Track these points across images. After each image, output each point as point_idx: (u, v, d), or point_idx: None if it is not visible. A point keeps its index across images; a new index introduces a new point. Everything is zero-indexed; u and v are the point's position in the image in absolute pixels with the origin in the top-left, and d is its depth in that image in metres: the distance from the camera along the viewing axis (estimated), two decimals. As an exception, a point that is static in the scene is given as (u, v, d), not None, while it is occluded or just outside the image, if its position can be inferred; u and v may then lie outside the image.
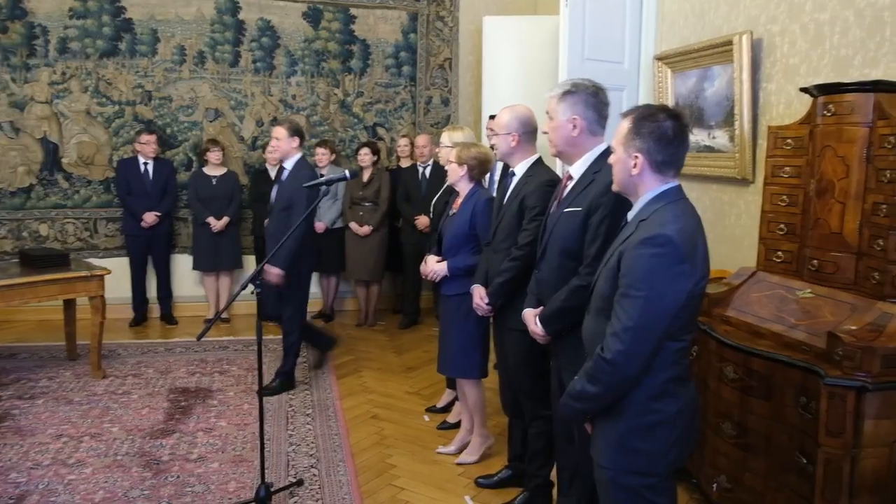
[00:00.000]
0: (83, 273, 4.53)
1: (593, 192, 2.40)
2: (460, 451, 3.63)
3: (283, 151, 4.36)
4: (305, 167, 4.39)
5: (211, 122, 6.26)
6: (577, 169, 2.51)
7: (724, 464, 2.76)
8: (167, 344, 5.46)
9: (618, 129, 1.98)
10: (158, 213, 5.81)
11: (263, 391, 4.23)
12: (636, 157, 1.90)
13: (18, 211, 6.06)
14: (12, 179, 6.01)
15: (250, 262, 6.26)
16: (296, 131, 4.35)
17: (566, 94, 2.47)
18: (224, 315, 6.06)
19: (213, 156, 5.93)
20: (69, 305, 4.93)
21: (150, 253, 5.98)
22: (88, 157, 6.11)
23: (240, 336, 5.61)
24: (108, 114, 6.09)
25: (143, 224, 5.78)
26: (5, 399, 4.27)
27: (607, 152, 2.29)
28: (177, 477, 3.35)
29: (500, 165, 3.77)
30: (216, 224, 5.86)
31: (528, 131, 3.02)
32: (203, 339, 5.40)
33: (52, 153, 6.04)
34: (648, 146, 1.88)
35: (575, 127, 2.46)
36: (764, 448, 2.55)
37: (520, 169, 3.03)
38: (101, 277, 4.57)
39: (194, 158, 6.20)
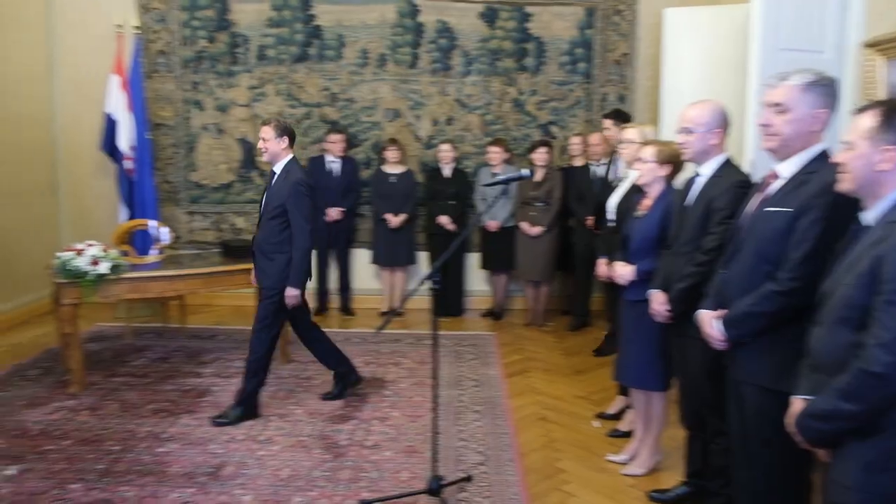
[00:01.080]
0: (274, 264, 4.87)
1: (807, 192, 2.20)
2: (632, 461, 3.51)
3: (271, 153, 3.92)
4: (297, 170, 3.95)
5: (390, 121, 6.51)
6: (788, 167, 2.30)
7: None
8: (345, 334, 5.74)
9: (856, 122, 1.84)
10: (342, 209, 6.14)
11: (326, 395, 4.34)
12: (887, 150, 1.76)
13: (219, 205, 6.66)
14: (215, 176, 6.62)
15: (424, 259, 6.44)
16: (284, 130, 3.92)
17: (812, 84, 2.25)
18: (399, 309, 6.30)
19: (392, 154, 6.16)
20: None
21: (332, 246, 6.33)
22: (280, 156, 6.58)
23: (413, 330, 5.79)
24: (297, 115, 6.52)
25: (326, 219, 6.14)
26: (206, 376, 4.70)
27: (824, 154, 2.12)
28: (354, 462, 3.51)
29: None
30: (393, 221, 6.09)
31: (725, 128, 2.84)
32: (380, 332, 5.69)
33: (249, 152, 6.57)
34: None
35: (817, 120, 2.26)
36: None
37: (707, 169, 2.85)
38: (290, 268, 4.88)
39: (375, 157, 6.47)
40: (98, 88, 6.12)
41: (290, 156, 3.98)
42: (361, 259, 6.47)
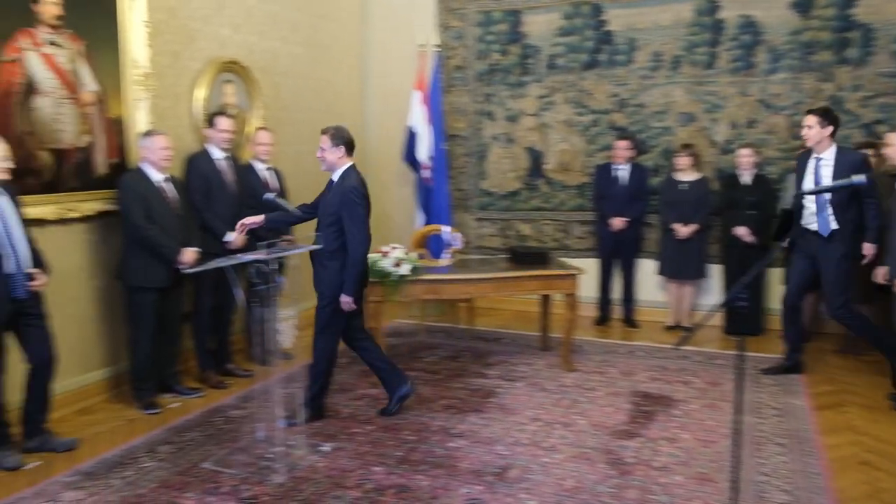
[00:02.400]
0: (561, 271, 4.86)
1: None
2: None
3: (328, 163, 3.90)
4: (352, 178, 3.88)
5: (683, 126, 6.17)
6: None
7: None
8: (629, 346, 5.55)
9: None
10: (627, 219, 5.95)
11: (384, 411, 4.14)
12: None
13: (506, 212, 6.87)
14: (503, 184, 6.84)
15: (715, 272, 6.00)
16: (341, 140, 3.88)
17: None
18: (686, 324, 5.93)
19: (683, 161, 5.82)
20: (546, 300, 5.36)
21: (617, 256, 6.17)
22: (567, 163, 6.59)
23: (702, 347, 5.40)
24: (585, 122, 6.47)
25: (610, 228, 5.99)
26: (492, 378, 4.83)
27: None
28: (640, 482, 3.33)
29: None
30: (682, 231, 5.75)
31: None
32: (665, 346, 5.39)
33: (536, 161, 6.68)
34: None
35: None
36: None
37: None
38: (575, 276, 4.84)
39: (664, 164, 6.18)
40: (402, 103, 6.66)
41: (348, 164, 3.94)
42: (647, 270, 6.20)
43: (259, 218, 3.96)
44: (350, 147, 3.93)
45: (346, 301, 3.86)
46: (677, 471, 3.44)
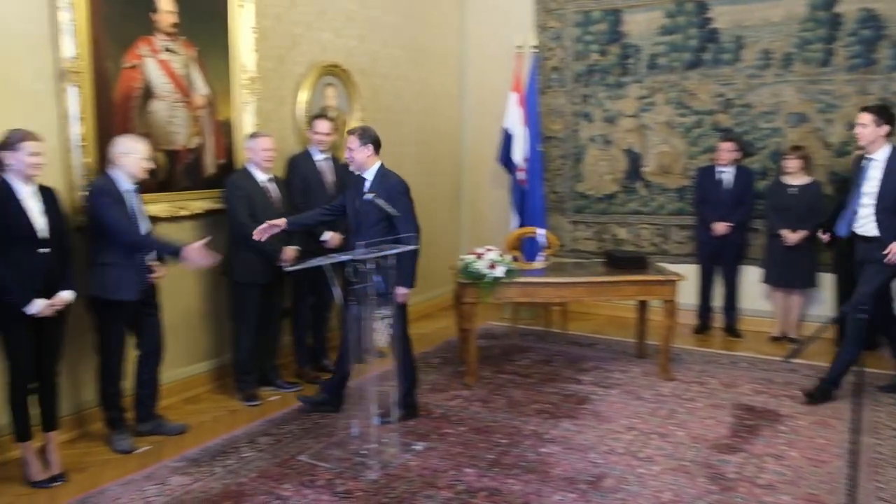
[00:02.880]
0: (660, 277, 4.72)
1: None
2: None
3: (358, 162, 3.89)
4: (391, 174, 3.94)
5: (793, 127, 5.86)
6: None
7: None
8: (731, 356, 5.32)
9: None
10: (730, 224, 5.70)
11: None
12: None
13: (602, 215, 6.73)
14: (600, 186, 6.70)
15: (826, 281, 5.67)
16: (368, 139, 3.88)
17: None
18: (793, 335, 5.64)
19: (792, 163, 5.53)
20: (642, 306, 5.21)
21: (718, 262, 5.93)
22: (666, 166, 6.39)
23: (811, 360, 5.10)
24: (687, 124, 6.25)
25: (712, 233, 5.77)
26: (586, 384, 4.74)
27: None
28: (744, 499, 3.17)
29: None
30: (791, 237, 5.46)
31: None
32: (770, 358, 5.15)
33: (634, 163, 6.51)
34: None
35: None
36: None
37: None
38: (675, 283, 4.68)
39: (772, 166, 5.89)
40: (498, 105, 6.64)
41: (378, 163, 3.95)
42: (751, 277, 5.93)
43: (281, 221, 3.99)
44: (377, 145, 3.96)
45: (402, 293, 3.87)
46: (784, 490, 3.26)
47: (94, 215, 3.57)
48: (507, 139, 6.47)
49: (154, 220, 4.08)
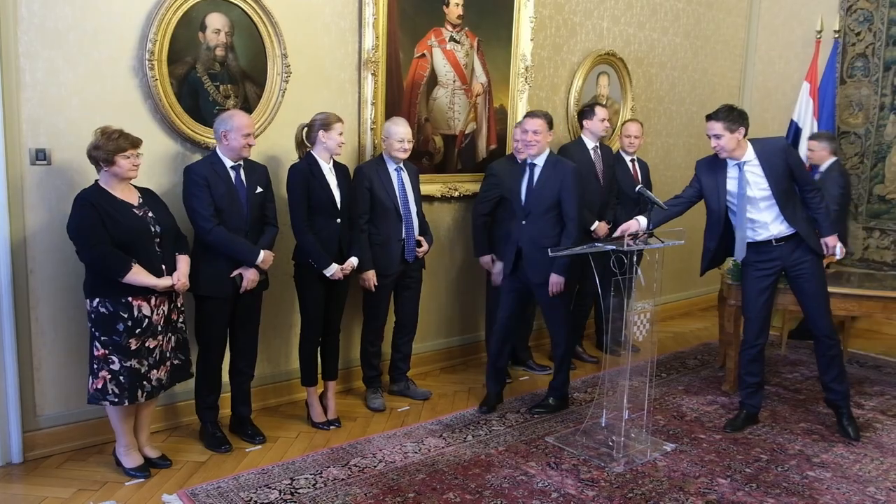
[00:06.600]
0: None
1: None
2: None
3: (540, 147, 3.77)
4: (563, 160, 3.88)
5: None
6: None
7: None
8: None
9: None
10: None
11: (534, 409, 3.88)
12: None
13: (905, 223, 5.88)
14: (905, 190, 5.86)
15: None
16: (551, 125, 3.81)
17: None
18: None
19: None
20: (950, 330, 4.48)
21: None
22: None
23: None
24: None
25: None
26: (867, 409, 4.21)
27: None
28: None
29: None
30: None
31: None
32: None
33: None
34: None
35: None
36: None
37: None
38: None
39: None
40: (784, 96, 6.10)
41: (549, 149, 3.85)
42: None
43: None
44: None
45: (556, 281, 3.75)
46: None
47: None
48: (795, 133, 5.90)
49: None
